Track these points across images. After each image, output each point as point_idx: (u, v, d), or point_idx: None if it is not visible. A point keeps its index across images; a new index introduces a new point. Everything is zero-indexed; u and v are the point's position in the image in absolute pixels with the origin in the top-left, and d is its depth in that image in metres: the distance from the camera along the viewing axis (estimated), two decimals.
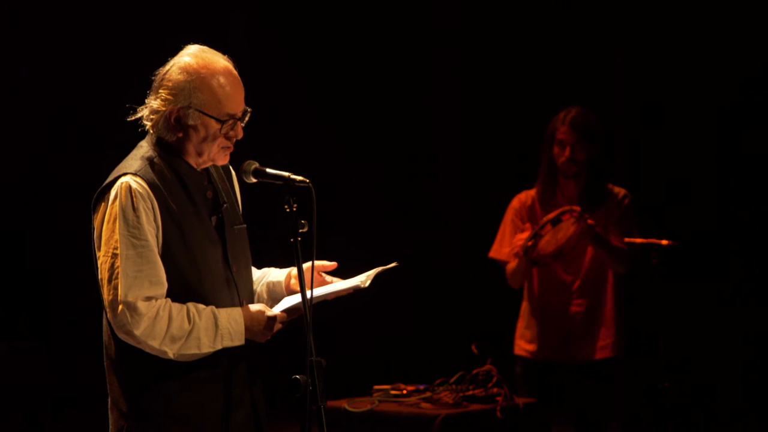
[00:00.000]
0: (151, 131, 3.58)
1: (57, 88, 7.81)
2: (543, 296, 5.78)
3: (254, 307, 3.60)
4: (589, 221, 5.55)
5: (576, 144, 5.69)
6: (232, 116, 3.55)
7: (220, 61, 3.57)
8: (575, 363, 5.73)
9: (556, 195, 5.78)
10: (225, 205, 3.64)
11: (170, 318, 3.44)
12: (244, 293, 3.65)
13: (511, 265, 5.75)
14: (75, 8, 7.81)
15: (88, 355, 4.58)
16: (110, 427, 3.56)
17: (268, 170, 3.58)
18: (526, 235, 5.64)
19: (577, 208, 5.56)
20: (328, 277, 3.75)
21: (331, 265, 3.77)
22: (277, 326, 3.59)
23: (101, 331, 3.57)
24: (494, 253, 5.86)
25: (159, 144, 3.56)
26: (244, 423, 3.60)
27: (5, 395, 7.45)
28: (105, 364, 3.57)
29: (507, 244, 5.79)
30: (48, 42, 7.81)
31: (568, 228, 5.55)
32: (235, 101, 3.55)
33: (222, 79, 3.53)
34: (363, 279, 3.62)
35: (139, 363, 3.48)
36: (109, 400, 3.56)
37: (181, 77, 3.52)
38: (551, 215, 5.56)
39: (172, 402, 3.50)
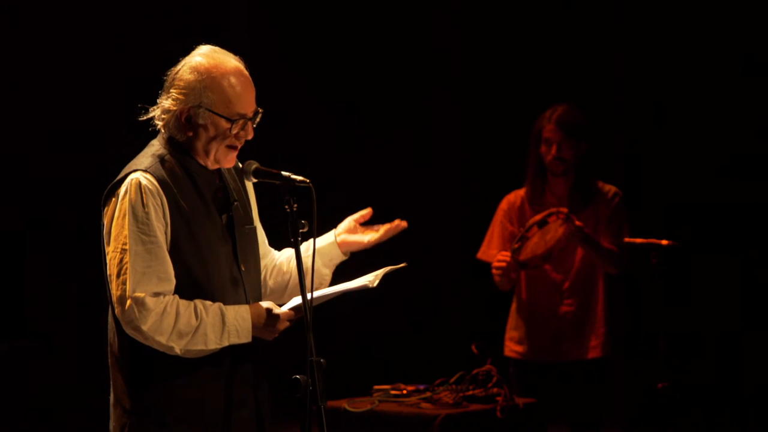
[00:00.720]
0: (162, 130, 3.60)
1: (57, 87, 7.81)
2: (532, 296, 5.77)
3: (262, 304, 3.61)
4: (577, 222, 5.54)
5: (562, 142, 5.69)
6: (242, 116, 3.56)
7: (231, 61, 3.59)
8: (565, 362, 5.73)
9: (545, 194, 5.78)
10: (235, 204, 3.65)
11: (177, 314, 3.45)
12: (251, 293, 3.65)
13: (494, 276, 5.74)
14: (75, 8, 7.81)
15: (88, 355, 4.59)
16: (112, 423, 3.57)
17: (268, 170, 3.59)
18: (504, 255, 5.63)
19: (564, 210, 5.55)
20: (364, 236, 3.80)
21: (366, 212, 3.81)
22: (285, 324, 3.59)
23: (102, 330, 3.58)
24: (482, 254, 5.86)
25: (170, 143, 3.58)
26: (247, 422, 3.61)
27: (5, 395, 7.44)
28: (109, 361, 3.58)
29: (495, 246, 5.79)
30: (49, 42, 7.80)
31: (556, 230, 5.54)
32: (246, 101, 3.57)
33: (233, 79, 3.55)
34: (371, 279, 3.63)
35: (144, 361, 3.49)
36: (112, 396, 3.58)
37: (192, 77, 3.54)
38: (537, 217, 5.55)
39: (176, 400, 3.51)
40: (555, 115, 5.72)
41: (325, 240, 3.82)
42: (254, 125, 3.61)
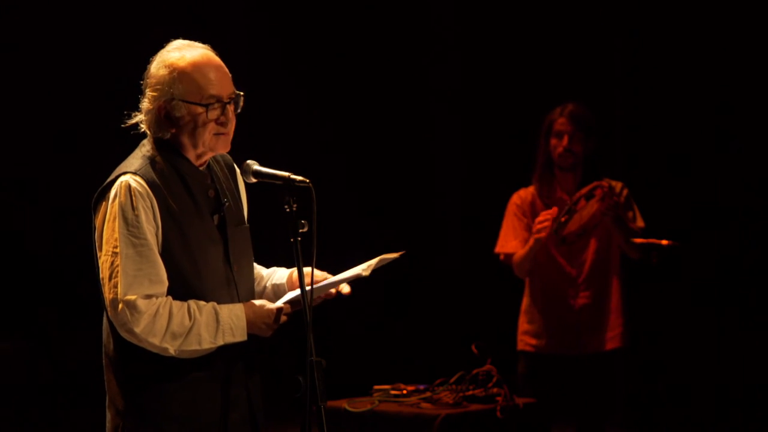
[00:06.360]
0: (149, 132, 3.59)
1: (56, 87, 7.82)
2: (548, 290, 5.81)
3: (256, 302, 3.60)
4: (615, 198, 5.61)
5: (573, 135, 5.77)
6: (217, 98, 3.54)
7: (196, 49, 3.58)
8: (585, 355, 5.77)
9: (555, 190, 5.84)
10: (227, 205, 3.64)
11: (170, 315, 3.44)
12: (243, 293, 3.65)
13: (522, 252, 5.75)
14: (74, 8, 7.81)
15: (88, 355, 4.59)
16: (107, 425, 3.57)
17: (268, 170, 3.58)
18: (544, 217, 5.65)
19: (606, 184, 5.62)
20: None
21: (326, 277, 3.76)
22: (282, 318, 3.58)
23: (101, 330, 3.58)
24: (500, 247, 5.89)
25: (158, 143, 3.57)
26: (240, 422, 3.61)
27: (5, 395, 7.45)
28: (103, 362, 3.58)
29: (513, 237, 5.83)
30: (47, 42, 7.81)
31: (591, 205, 5.61)
32: (217, 84, 3.55)
33: (200, 65, 3.54)
34: (364, 267, 3.61)
35: (137, 362, 3.49)
36: (107, 398, 3.57)
37: (161, 72, 3.54)
38: (584, 190, 5.63)
39: (169, 401, 3.50)
40: (566, 110, 5.83)
41: (283, 277, 3.81)
42: (238, 110, 3.59)
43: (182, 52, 3.55)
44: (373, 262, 3.63)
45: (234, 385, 3.59)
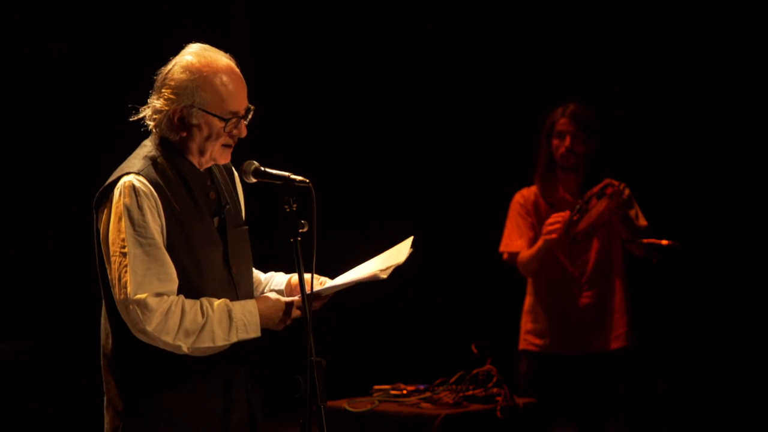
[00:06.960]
0: (155, 131, 3.58)
1: (56, 87, 7.81)
2: (552, 290, 5.82)
3: (269, 296, 3.60)
4: (624, 196, 5.61)
5: (575, 135, 5.77)
6: (235, 114, 3.55)
7: (222, 59, 3.56)
8: (589, 354, 5.77)
9: (558, 190, 5.84)
10: (227, 206, 3.64)
11: (183, 312, 3.43)
12: (243, 294, 3.64)
13: (530, 252, 5.75)
14: (74, 7, 7.81)
15: (88, 355, 4.59)
16: (105, 426, 3.56)
17: (268, 170, 3.58)
18: (555, 219, 5.65)
19: (616, 182, 5.63)
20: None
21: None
22: (296, 312, 3.58)
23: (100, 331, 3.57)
24: (505, 246, 5.89)
25: (162, 144, 3.56)
26: (240, 424, 3.60)
27: (5, 395, 7.44)
28: (102, 363, 3.57)
29: (518, 236, 5.83)
30: (47, 41, 7.81)
31: (600, 204, 5.61)
32: (238, 99, 3.55)
33: (225, 78, 3.53)
34: (382, 269, 3.59)
35: (136, 363, 3.49)
36: (105, 399, 3.57)
37: (183, 76, 3.51)
38: (595, 189, 5.65)
39: (168, 403, 3.50)
40: (568, 110, 5.83)
41: (281, 283, 3.82)
42: (247, 122, 3.59)
43: (208, 60, 3.53)
44: (392, 265, 3.61)
45: (234, 386, 3.58)
